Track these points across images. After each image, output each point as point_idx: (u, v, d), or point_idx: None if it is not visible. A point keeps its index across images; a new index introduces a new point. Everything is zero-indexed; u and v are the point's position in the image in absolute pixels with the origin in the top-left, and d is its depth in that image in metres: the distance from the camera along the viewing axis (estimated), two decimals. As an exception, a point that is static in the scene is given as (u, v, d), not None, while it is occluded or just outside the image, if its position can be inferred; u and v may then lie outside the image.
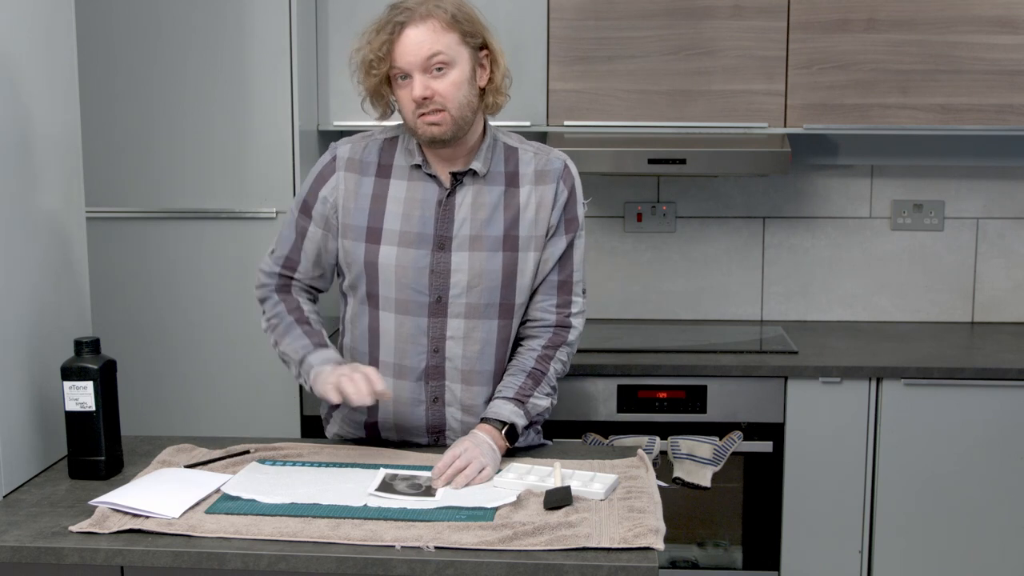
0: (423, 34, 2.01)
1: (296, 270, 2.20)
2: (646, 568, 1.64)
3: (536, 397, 2.14)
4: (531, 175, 2.15)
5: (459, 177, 2.12)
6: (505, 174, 2.14)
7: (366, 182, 2.14)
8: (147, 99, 2.96)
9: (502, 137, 2.19)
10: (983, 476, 2.94)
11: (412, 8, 2.03)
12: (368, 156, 2.15)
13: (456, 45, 2.03)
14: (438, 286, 2.12)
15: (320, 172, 2.17)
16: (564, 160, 2.19)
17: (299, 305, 2.19)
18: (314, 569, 1.69)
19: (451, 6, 2.04)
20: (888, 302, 3.51)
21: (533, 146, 2.19)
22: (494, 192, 2.13)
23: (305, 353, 2.12)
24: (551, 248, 2.16)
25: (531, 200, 2.14)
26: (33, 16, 2.09)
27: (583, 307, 2.23)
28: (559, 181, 2.16)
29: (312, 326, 2.17)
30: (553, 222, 2.15)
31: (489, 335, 2.15)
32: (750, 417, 2.94)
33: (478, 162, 2.12)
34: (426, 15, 2.02)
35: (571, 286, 2.19)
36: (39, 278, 2.10)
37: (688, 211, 3.49)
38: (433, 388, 2.16)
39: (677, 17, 3.09)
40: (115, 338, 2.67)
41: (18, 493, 1.97)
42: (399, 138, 2.16)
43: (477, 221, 2.11)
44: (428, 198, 2.12)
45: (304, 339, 2.14)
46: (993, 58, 3.06)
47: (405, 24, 2.01)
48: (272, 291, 2.21)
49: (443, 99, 2.02)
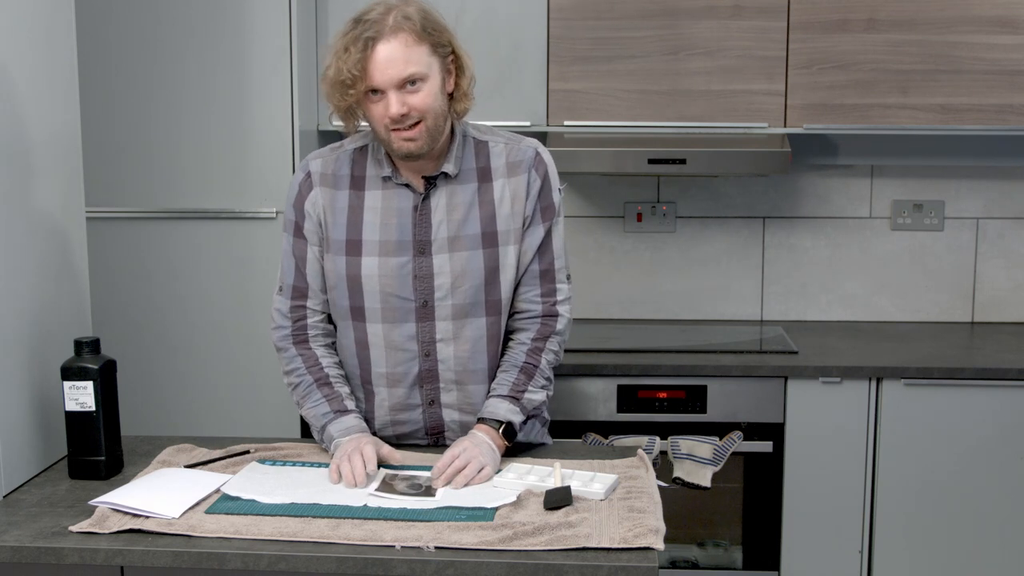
0: (396, 51, 1.97)
1: (307, 297, 2.16)
2: (646, 568, 1.64)
3: (531, 391, 2.13)
4: (503, 167, 2.13)
5: (432, 181, 2.10)
6: (477, 170, 2.12)
7: (341, 196, 2.12)
8: (147, 99, 2.96)
9: (471, 132, 2.16)
10: (983, 476, 2.94)
11: (378, 21, 1.98)
12: (340, 169, 2.13)
13: (427, 56, 2.00)
14: (423, 290, 2.10)
15: (299, 189, 2.14)
16: (535, 147, 2.16)
17: (317, 361, 2.15)
18: (314, 569, 1.69)
19: (418, 16, 2.00)
20: (888, 302, 3.51)
21: (503, 136, 2.17)
22: (467, 190, 2.11)
23: (326, 422, 2.09)
24: (529, 238, 2.14)
25: (505, 193, 2.12)
26: (33, 16, 2.09)
27: (568, 293, 2.20)
28: (531, 170, 2.13)
29: (333, 387, 2.13)
30: (528, 212, 2.13)
31: (478, 333, 2.14)
32: (750, 417, 2.94)
33: (449, 164, 2.09)
34: (396, 28, 1.97)
35: (553, 274, 2.17)
36: (39, 278, 2.10)
37: (688, 211, 3.49)
38: (428, 392, 2.16)
39: (677, 17, 3.08)
40: (115, 338, 2.67)
41: (18, 493, 1.97)
42: (368, 147, 2.14)
43: (454, 222, 2.10)
44: (403, 206, 2.10)
45: (324, 405, 2.11)
46: (993, 58, 3.06)
47: (376, 40, 1.97)
48: (288, 341, 2.17)
49: (420, 112, 2.00)
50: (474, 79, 2.10)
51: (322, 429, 2.10)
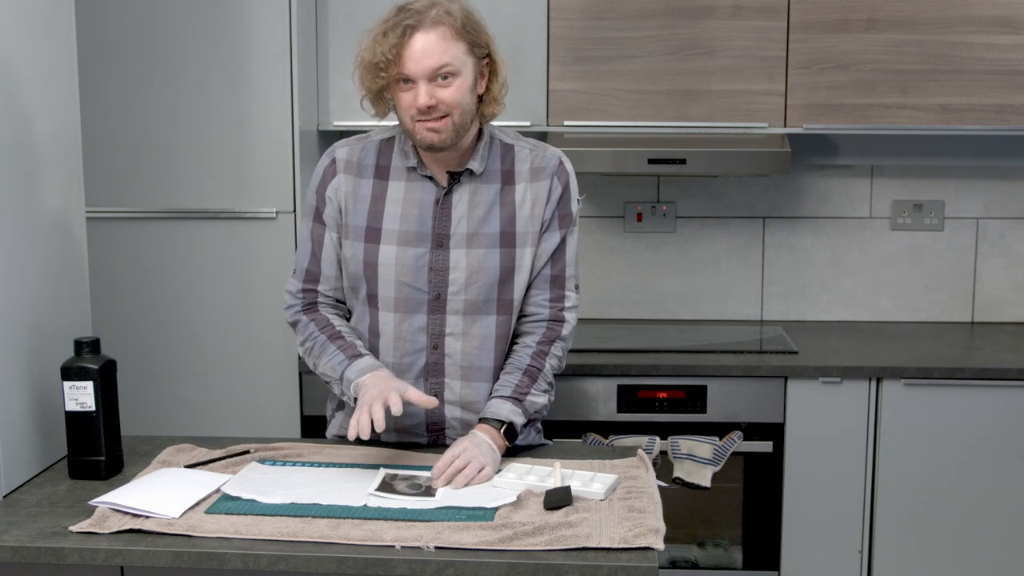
0: (433, 42, 2.00)
1: (319, 282, 2.19)
2: (646, 568, 1.64)
3: (533, 394, 2.14)
4: (527, 172, 2.16)
5: (456, 176, 2.13)
6: (501, 172, 2.15)
7: (364, 184, 2.15)
8: (147, 99, 2.96)
9: (498, 135, 2.19)
10: (983, 476, 2.94)
11: (421, 12, 2.01)
12: (366, 158, 2.16)
13: (463, 55, 2.03)
14: (437, 283, 2.13)
15: (322, 175, 2.18)
16: (559, 156, 2.20)
17: (329, 322, 2.17)
18: (314, 569, 1.69)
19: (460, 14, 2.03)
20: (888, 302, 3.51)
21: (529, 143, 2.20)
22: (490, 190, 2.14)
23: (342, 370, 2.09)
24: (545, 243, 2.17)
25: (527, 197, 2.15)
26: (33, 16, 2.09)
27: (576, 302, 2.23)
28: (553, 177, 2.17)
29: (345, 339, 2.14)
30: (547, 217, 2.16)
31: (488, 331, 2.15)
32: (750, 417, 2.94)
33: (475, 162, 2.12)
34: (436, 21, 2.00)
35: (564, 281, 2.20)
36: (39, 278, 2.10)
37: (688, 211, 3.49)
38: (433, 385, 2.17)
39: (677, 17, 3.09)
40: (115, 338, 2.68)
41: (18, 493, 1.97)
42: (395, 139, 2.17)
43: (474, 219, 2.12)
44: (426, 198, 2.13)
45: (339, 355, 2.11)
46: (993, 58, 3.06)
47: (415, 28, 2.00)
48: (300, 312, 2.20)
49: (447, 106, 2.02)
50: (506, 86, 2.13)
51: (341, 379, 2.09)
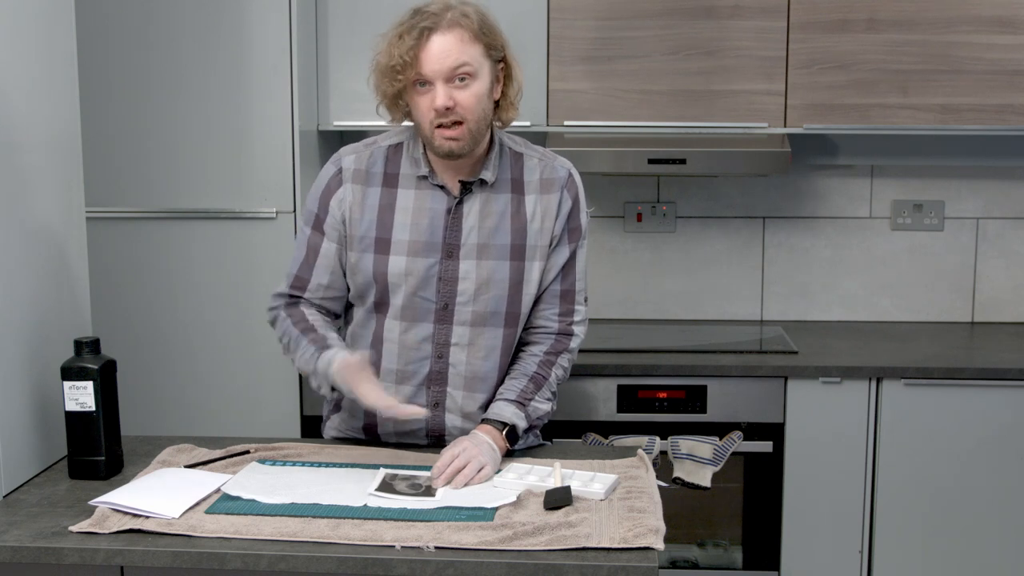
0: (450, 44, 1.99)
1: (305, 289, 2.16)
2: (646, 568, 1.64)
3: (537, 401, 2.14)
4: (536, 183, 2.14)
5: (468, 186, 2.11)
6: (511, 180, 2.13)
7: (372, 193, 2.12)
8: (147, 99, 2.95)
9: (507, 142, 2.17)
10: (983, 476, 2.94)
11: (438, 14, 2.00)
12: (374, 166, 2.13)
13: (480, 57, 2.02)
14: (445, 293, 2.11)
15: (327, 184, 2.14)
16: (568, 168, 2.18)
17: (304, 316, 2.14)
18: (314, 569, 1.69)
19: (477, 17, 2.02)
20: (888, 302, 3.51)
21: (538, 151, 2.18)
22: (501, 200, 2.12)
23: (315, 362, 2.06)
24: (555, 257, 2.16)
25: (537, 210, 2.13)
26: (33, 17, 2.09)
27: (585, 315, 2.23)
28: (563, 190, 2.15)
29: (317, 331, 2.11)
30: (557, 232, 2.15)
31: (493, 342, 2.14)
32: (750, 417, 2.94)
33: (488, 171, 2.10)
34: (453, 23, 1.99)
35: (573, 295, 2.19)
36: (39, 278, 2.10)
37: (688, 211, 3.49)
38: (434, 394, 2.16)
39: (677, 17, 3.08)
40: (115, 338, 2.67)
41: (18, 493, 1.97)
42: (404, 145, 2.14)
43: (485, 229, 2.11)
44: (436, 207, 2.11)
45: (311, 348, 2.08)
46: (993, 58, 3.06)
47: (432, 30, 1.99)
48: (279, 310, 2.18)
49: (464, 110, 2.00)
50: (522, 90, 2.12)
51: (314, 372, 2.07)
